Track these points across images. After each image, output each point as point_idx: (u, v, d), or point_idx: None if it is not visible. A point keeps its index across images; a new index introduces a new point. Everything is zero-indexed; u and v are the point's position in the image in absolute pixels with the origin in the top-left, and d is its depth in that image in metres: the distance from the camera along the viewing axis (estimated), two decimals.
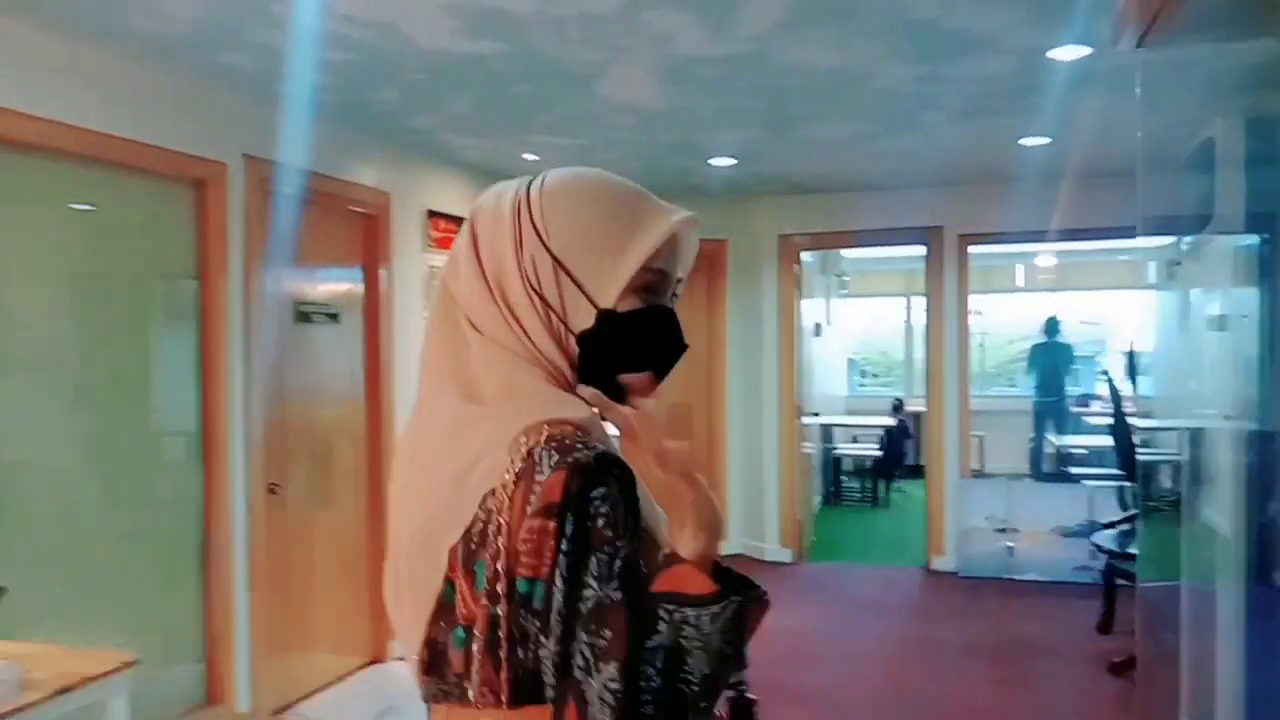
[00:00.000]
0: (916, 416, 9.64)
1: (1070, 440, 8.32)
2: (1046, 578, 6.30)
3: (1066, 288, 12.09)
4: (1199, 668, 2.84)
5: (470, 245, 1.06)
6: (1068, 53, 3.60)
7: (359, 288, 4.91)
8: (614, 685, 0.84)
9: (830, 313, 10.28)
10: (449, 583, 0.93)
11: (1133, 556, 4.70)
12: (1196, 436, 3.03)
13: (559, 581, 0.87)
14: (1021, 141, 5.19)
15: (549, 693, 0.89)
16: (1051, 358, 10.53)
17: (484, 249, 1.05)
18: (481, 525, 0.91)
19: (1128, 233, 6.63)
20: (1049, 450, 9.49)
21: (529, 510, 0.88)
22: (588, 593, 0.87)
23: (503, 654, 0.89)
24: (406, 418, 1.09)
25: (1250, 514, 2.47)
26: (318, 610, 4.61)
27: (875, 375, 13.33)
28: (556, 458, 0.91)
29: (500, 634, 0.89)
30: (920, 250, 6.93)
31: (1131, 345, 6.07)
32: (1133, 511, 5.43)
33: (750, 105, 4.38)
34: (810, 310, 8.04)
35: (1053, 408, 10.30)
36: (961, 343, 6.71)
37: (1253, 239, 3.11)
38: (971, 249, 6.69)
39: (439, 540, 0.93)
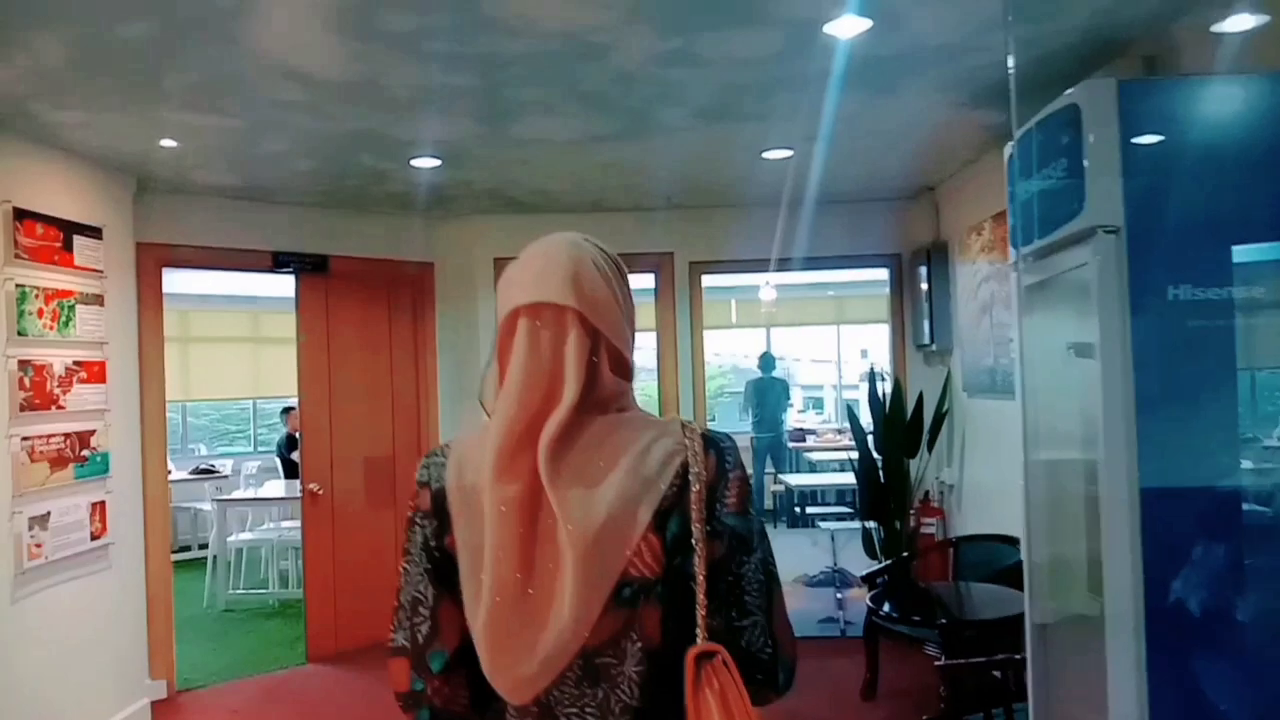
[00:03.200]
0: None
1: (803, 479, 8.02)
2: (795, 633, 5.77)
3: (776, 324, 12.16)
4: None
5: (613, 292, 1.25)
6: (848, 26, 2.98)
7: None
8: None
9: None
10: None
11: (898, 617, 4.18)
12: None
13: (752, 511, 1.21)
14: (765, 154, 4.63)
15: (749, 598, 1.18)
16: (768, 393, 10.45)
17: (621, 297, 1.26)
18: (676, 489, 1.16)
19: (866, 262, 6.40)
20: (776, 489, 9.18)
21: (727, 467, 1.20)
22: (757, 517, 1.23)
23: (700, 589, 1.16)
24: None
25: (1148, 589, 1.86)
26: None
27: None
28: (724, 433, 1.24)
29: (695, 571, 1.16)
30: (645, 281, 6.28)
31: (874, 377, 5.72)
32: (887, 562, 4.98)
33: (457, 82, 3.45)
34: None
35: (771, 443, 10.16)
36: (697, 379, 6.12)
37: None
38: (707, 277, 6.13)
39: (630, 515, 1.14)
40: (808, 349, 14.00)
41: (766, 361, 10.67)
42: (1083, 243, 2.02)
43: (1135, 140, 1.91)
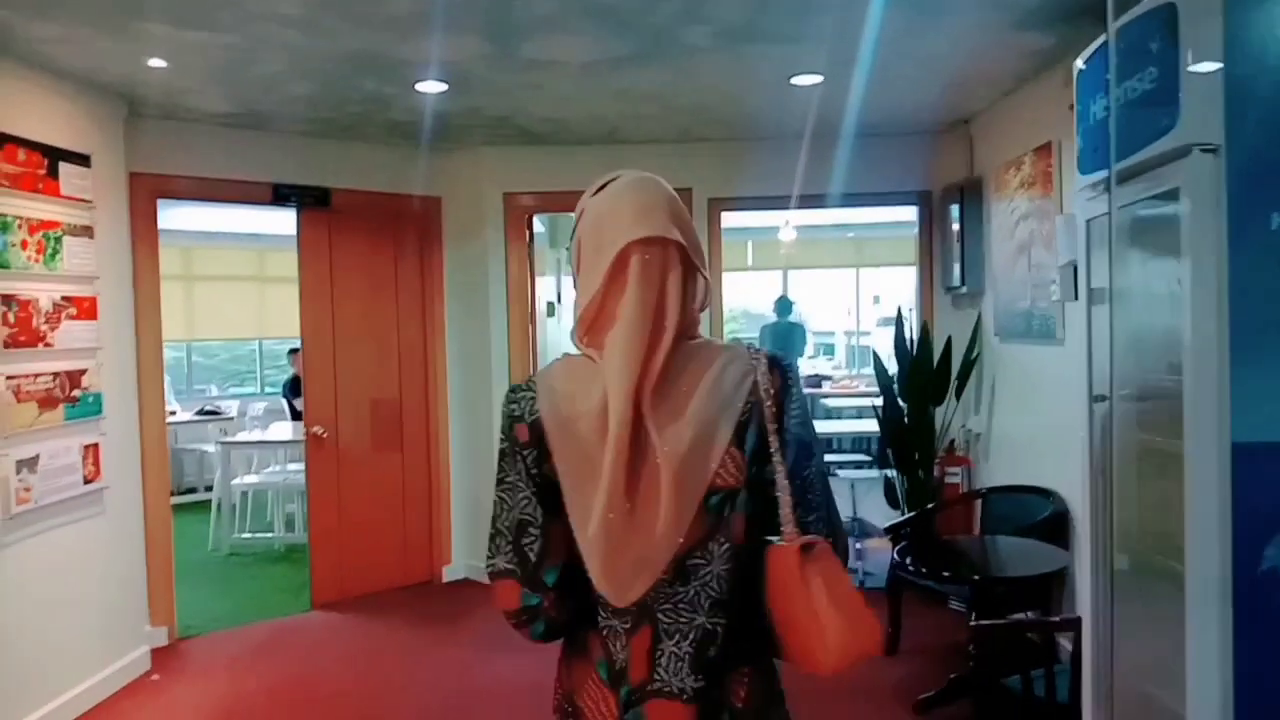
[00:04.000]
0: None
1: (821, 427, 7.78)
2: None
3: (794, 266, 11.87)
4: None
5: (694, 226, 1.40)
6: None
7: None
8: None
9: (561, 291, 9.26)
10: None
11: (927, 571, 3.95)
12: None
13: (812, 421, 1.37)
14: (793, 80, 4.34)
15: (808, 495, 1.35)
16: (783, 338, 10.23)
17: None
18: (751, 405, 1.31)
19: (894, 199, 6.10)
20: None
21: (790, 383, 1.34)
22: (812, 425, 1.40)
23: (786, 491, 1.31)
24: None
25: (1237, 556, 1.65)
26: None
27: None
28: (783, 353, 1.39)
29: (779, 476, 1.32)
30: None
31: (900, 321, 5.48)
32: (912, 514, 4.78)
33: None
34: (541, 288, 6.89)
35: None
36: (714, 324, 5.87)
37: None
38: (725, 216, 5.85)
39: (713, 433, 1.28)
40: (820, 293, 13.72)
41: (783, 305, 10.43)
42: (1171, 164, 1.76)
43: (1241, 44, 1.65)
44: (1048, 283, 4.29)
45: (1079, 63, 2.22)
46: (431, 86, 4.27)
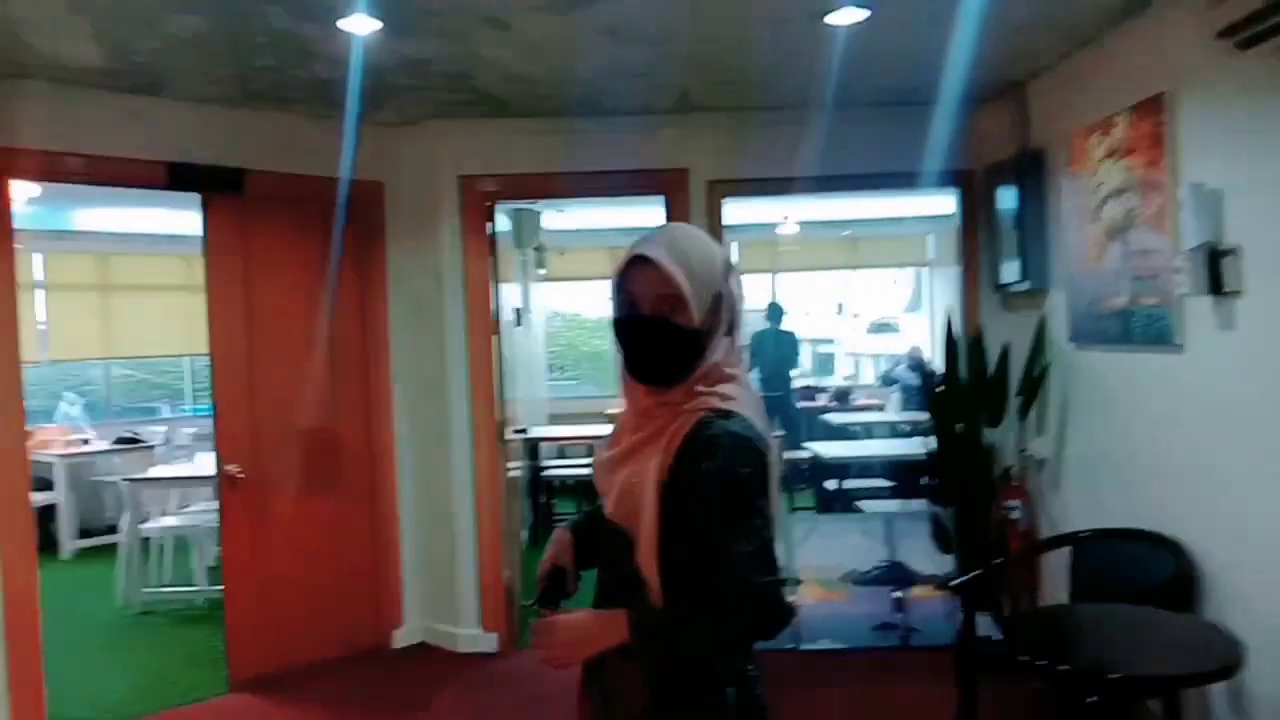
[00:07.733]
0: None
1: (839, 449, 6.76)
2: (842, 644, 4.62)
3: (784, 269, 10.93)
4: None
5: None
6: None
7: None
8: None
9: (529, 298, 8.24)
10: None
11: (1034, 658, 2.94)
12: None
13: None
14: (829, 19, 3.37)
15: None
16: (776, 347, 9.33)
17: None
18: None
19: (928, 181, 5.04)
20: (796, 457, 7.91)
21: None
22: None
23: None
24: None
25: None
26: None
27: (563, 369, 11.94)
28: None
29: None
30: (652, 207, 5.01)
31: (950, 326, 4.53)
32: (979, 570, 3.77)
33: None
34: (506, 295, 5.84)
35: (779, 403, 8.99)
36: None
37: None
38: (729, 203, 4.86)
39: None
40: (792, 297, 12.83)
41: (774, 312, 9.56)
42: None
43: None
44: (1160, 273, 3.35)
45: None
46: (360, 24, 3.24)
